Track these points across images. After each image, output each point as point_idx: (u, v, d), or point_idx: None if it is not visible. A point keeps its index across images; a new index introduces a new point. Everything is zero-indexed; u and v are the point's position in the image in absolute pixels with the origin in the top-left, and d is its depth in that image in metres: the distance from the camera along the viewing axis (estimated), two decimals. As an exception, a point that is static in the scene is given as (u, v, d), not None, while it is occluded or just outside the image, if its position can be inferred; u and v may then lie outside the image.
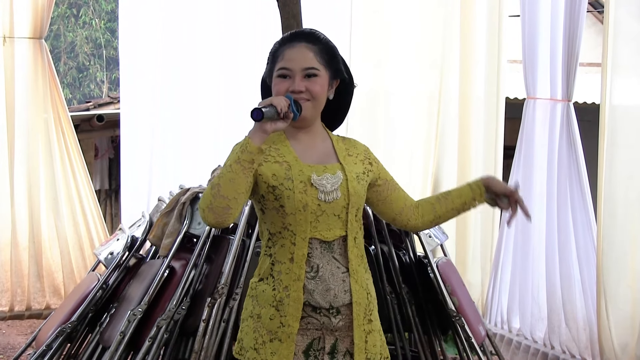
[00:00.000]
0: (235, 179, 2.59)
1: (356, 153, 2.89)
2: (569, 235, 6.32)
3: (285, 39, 2.84)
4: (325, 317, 2.72)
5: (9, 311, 7.30)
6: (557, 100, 6.57)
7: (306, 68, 2.76)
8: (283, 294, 2.69)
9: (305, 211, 2.69)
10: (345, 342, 2.75)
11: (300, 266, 2.70)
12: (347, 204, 2.75)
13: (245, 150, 2.59)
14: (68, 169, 7.44)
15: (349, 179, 2.76)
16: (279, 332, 2.69)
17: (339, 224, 2.74)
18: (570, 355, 6.15)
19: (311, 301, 2.70)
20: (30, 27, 7.36)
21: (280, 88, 2.76)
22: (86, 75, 22.65)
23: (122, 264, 4.77)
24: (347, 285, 2.74)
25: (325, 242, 2.73)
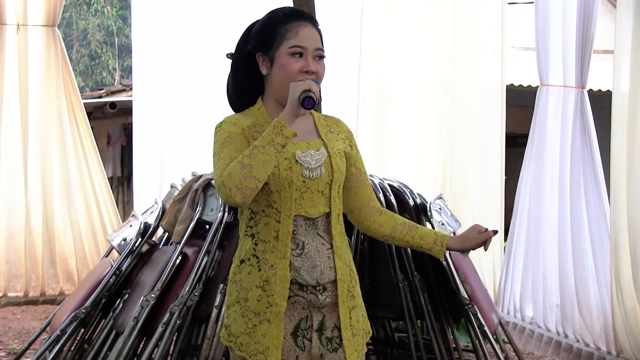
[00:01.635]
0: (268, 162, 2.56)
1: (338, 131, 2.85)
2: (582, 223, 6.29)
3: (290, 16, 2.77)
4: (312, 295, 2.70)
5: (24, 297, 7.33)
6: (571, 88, 6.54)
7: (318, 48, 2.74)
8: (269, 273, 2.67)
9: (290, 188, 2.67)
10: (332, 318, 2.74)
11: (286, 244, 2.67)
12: (331, 180, 2.73)
13: (281, 134, 2.56)
14: (81, 156, 7.45)
15: (331, 155, 2.74)
16: (267, 312, 2.67)
17: (322, 200, 2.72)
18: (584, 344, 6.13)
19: (298, 278, 2.68)
20: (44, 15, 7.36)
21: (295, 67, 2.70)
22: (98, 63, 22.66)
23: (135, 250, 4.77)
24: (331, 262, 2.72)
25: (309, 219, 2.71)
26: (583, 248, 6.26)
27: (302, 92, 2.59)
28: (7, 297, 7.31)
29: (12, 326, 7.30)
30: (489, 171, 7.43)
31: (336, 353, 2.74)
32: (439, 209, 4.94)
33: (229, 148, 2.67)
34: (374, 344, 5.00)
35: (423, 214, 4.89)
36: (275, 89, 2.76)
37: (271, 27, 2.77)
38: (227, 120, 2.78)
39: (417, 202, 4.92)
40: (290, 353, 2.70)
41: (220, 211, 4.45)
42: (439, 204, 4.99)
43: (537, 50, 6.78)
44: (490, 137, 7.43)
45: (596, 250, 6.18)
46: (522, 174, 6.86)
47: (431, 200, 4.96)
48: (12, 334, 6.99)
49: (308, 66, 2.71)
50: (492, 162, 7.42)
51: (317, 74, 2.72)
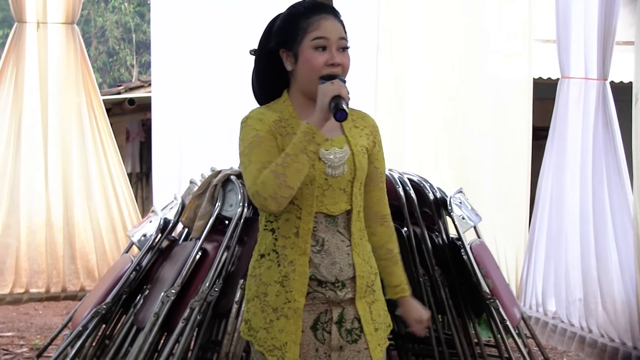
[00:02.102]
0: (302, 170, 2.56)
1: (363, 125, 2.82)
2: (604, 215, 6.25)
3: (311, 8, 2.74)
4: (331, 291, 2.69)
5: (46, 292, 7.34)
6: (592, 79, 6.49)
7: (341, 38, 2.71)
8: (288, 268, 2.66)
9: (312, 185, 2.66)
10: (352, 310, 2.73)
11: (306, 240, 2.67)
12: (353, 178, 2.71)
13: (313, 141, 2.55)
14: (100, 152, 7.46)
15: (355, 153, 2.72)
16: (285, 308, 2.66)
17: (344, 197, 2.71)
18: (609, 338, 6.08)
19: (317, 275, 2.67)
20: (63, 12, 7.37)
21: (320, 60, 2.68)
22: (116, 59, 22.73)
23: (155, 246, 4.78)
24: (350, 259, 2.71)
25: (330, 216, 2.70)
26: (606, 241, 6.21)
27: (332, 99, 2.57)
28: (29, 293, 7.33)
29: (35, 322, 7.34)
30: (513, 165, 7.38)
31: (356, 344, 2.73)
32: (459, 202, 4.91)
33: (259, 149, 2.65)
34: (395, 339, 4.98)
35: (443, 207, 4.87)
36: (301, 84, 2.74)
37: (292, 22, 2.74)
38: (252, 116, 2.75)
39: (437, 196, 4.90)
40: (310, 346, 2.69)
41: (239, 206, 4.45)
42: (460, 197, 4.96)
43: (558, 43, 6.73)
44: (515, 131, 7.38)
45: (620, 243, 6.13)
46: (544, 167, 6.82)
47: (451, 194, 4.94)
48: (35, 329, 7.03)
49: (333, 58, 2.68)
50: (517, 156, 7.37)
51: (342, 66, 2.70)
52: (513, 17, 7.39)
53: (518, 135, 7.37)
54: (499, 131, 7.39)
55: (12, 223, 7.26)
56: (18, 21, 7.31)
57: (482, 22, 7.43)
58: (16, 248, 7.26)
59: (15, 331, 6.93)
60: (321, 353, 2.70)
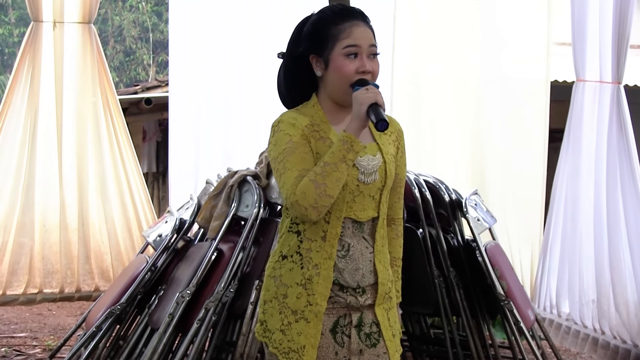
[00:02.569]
0: (341, 178, 2.58)
1: (390, 131, 2.81)
2: (618, 218, 6.24)
3: (341, 15, 2.73)
4: (351, 297, 2.70)
5: (59, 293, 7.37)
6: (607, 83, 6.49)
7: (372, 45, 2.70)
8: (312, 272, 2.66)
9: (344, 190, 2.65)
10: (370, 315, 2.74)
11: (333, 245, 2.67)
12: (383, 185, 2.72)
13: (351, 150, 2.56)
14: (116, 152, 7.48)
15: (386, 161, 2.73)
16: (306, 311, 2.66)
17: (372, 205, 2.72)
18: (621, 340, 6.08)
19: (340, 280, 2.68)
20: (80, 11, 7.40)
21: (351, 68, 2.67)
22: (133, 58, 22.77)
23: (171, 246, 4.79)
24: (372, 266, 2.72)
25: (357, 222, 2.70)
26: (620, 243, 6.21)
27: (370, 107, 2.57)
28: (43, 293, 7.36)
29: (48, 322, 7.36)
30: (529, 167, 7.37)
31: (375, 348, 2.74)
32: (474, 204, 4.91)
33: (294, 156, 2.64)
34: (410, 340, 4.99)
35: (459, 209, 4.86)
36: (331, 90, 2.73)
37: (323, 28, 2.73)
38: (284, 120, 2.73)
39: (453, 197, 4.90)
40: (329, 349, 2.70)
41: (255, 207, 4.46)
42: (475, 199, 4.96)
43: (573, 46, 6.72)
44: (532, 133, 7.36)
45: (633, 245, 6.12)
46: (558, 169, 6.81)
47: (467, 195, 4.94)
48: (48, 330, 7.04)
49: (363, 66, 2.68)
50: (533, 158, 7.35)
51: (373, 73, 2.70)
52: (530, 19, 7.37)
53: (534, 137, 7.36)
54: (515, 133, 7.38)
55: (27, 222, 7.30)
56: (35, 20, 7.34)
57: (498, 24, 7.41)
58: (30, 248, 7.29)
59: (29, 332, 6.95)
60: (341, 356, 2.71)
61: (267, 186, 4.62)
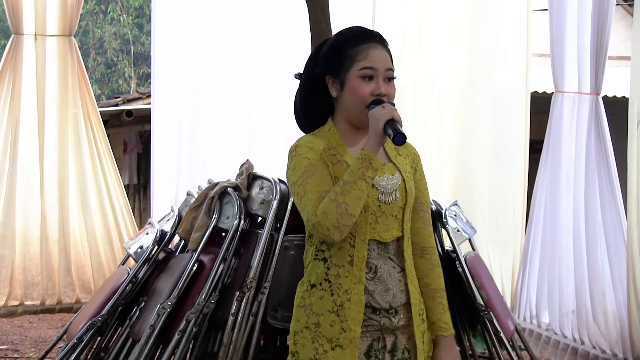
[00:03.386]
0: (362, 196, 2.56)
1: (405, 154, 2.85)
2: (597, 229, 6.29)
3: (359, 37, 2.74)
4: (385, 318, 2.70)
5: (40, 305, 7.34)
6: (586, 94, 6.54)
7: (389, 69, 2.71)
8: (343, 297, 2.65)
9: (366, 212, 2.66)
10: (403, 340, 2.73)
11: (360, 268, 2.66)
12: (405, 204, 2.72)
13: (370, 167, 2.55)
14: (97, 164, 7.47)
15: (406, 180, 2.74)
16: (341, 338, 2.65)
17: (395, 224, 2.72)
18: (601, 350, 6.12)
19: (372, 302, 2.67)
20: (60, 24, 7.39)
21: (366, 90, 2.68)
22: (114, 71, 22.75)
23: (152, 258, 4.78)
24: (402, 285, 2.71)
25: (382, 243, 2.70)
26: (598, 254, 6.25)
27: (387, 123, 2.56)
28: (24, 305, 7.33)
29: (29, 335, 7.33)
30: (509, 178, 7.39)
31: None
32: (454, 215, 4.92)
33: (314, 179, 2.64)
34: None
35: (438, 220, 4.88)
36: (346, 111, 2.74)
37: (340, 49, 2.74)
38: (302, 144, 2.73)
39: (433, 208, 4.91)
40: None
41: (236, 219, 4.46)
42: (454, 210, 4.97)
43: (552, 57, 6.78)
44: (512, 144, 7.38)
45: (612, 255, 6.17)
46: (538, 180, 6.85)
47: (446, 206, 4.95)
48: (29, 342, 7.02)
49: (379, 89, 2.68)
50: (513, 169, 7.38)
51: (388, 96, 2.70)
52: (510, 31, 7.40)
53: (515, 148, 7.39)
54: (495, 144, 7.41)
55: (8, 234, 7.27)
56: (15, 33, 7.33)
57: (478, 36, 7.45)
58: (11, 260, 7.26)
59: (10, 344, 6.92)
60: None
61: (248, 197, 4.63)
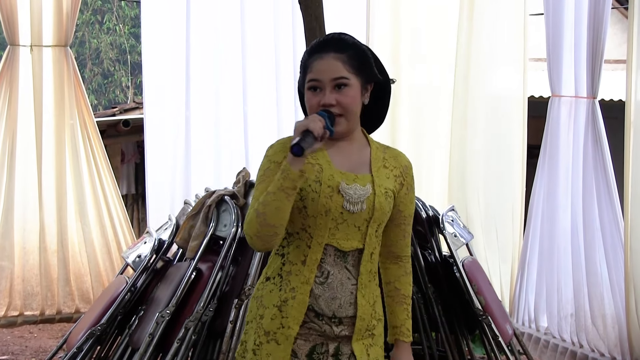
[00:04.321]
0: (281, 207, 2.56)
1: (393, 166, 2.81)
2: (595, 233, 6.29)
3: (314, 48, 2.76)
4: (326, 326, 2.68)
5: (40, 315, 7.35)
6: (582, 98, 6.55)
7: (335, 78, 2.68)
8: (289, 294, 2.66)
9: (327, 216, 2.65)
10: (348, 346, 2.71)
11: (311, 270, 2.66)
12: (370, 217, 2.69)
13: (287, 178, 2.54)
14: (95, 174, 7.48)
15: (376, 194, 2.70)
16: (278, 333, 2.66)
17: (357, 236, 2.69)
18: (599, 353, 6.12)
19: (315, 306, 2.66)
20: (56, 35, 7.41)
21: (313, 102, 2.69)
22: (111, 81, 22.75)
23: (150, 267, 4.80)
24: (353, 298, 2.69)
25: (340, 251, 2.68)
26: (596, 257, 6.26)
27: (301, 134, 2.53)
28: (24, 315, 7.34)
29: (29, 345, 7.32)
30: (507, 183, 7.39)
31: None
32: (451, 220, 4.94)
33: (263, 184, 2.65)
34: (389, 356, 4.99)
35: (436, 225, 4.90)
36: None
37: (302, 63, 2.78)
38: (275, 145, 2.76)
39: (430, 214, 4.93)
40: None
41: (233, 226, 4.48)
42: (452, 215, 4.99)
43: (549, 62, 6.78)
44: (510, 149, 7.38)
45: (610, 259, 6.18)
46: (535, 184, 6.86)
47: (443, 212, 4.97)
48: (29, 352, 7.01)
49: (322, 99, 2.68)
50: (511, 174, 7.38)
51: (340, 104, 2.68)
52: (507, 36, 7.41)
53: (512, 153, 7.39)
54: (492, 149, 7.41)
55: (7, 245, 7.28)
56: (11, 44, 7.35)
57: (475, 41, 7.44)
58: (10, 270, 7.27)
59: (10, 354, 6.91)
60: None
61: (245, 205, 4.64)
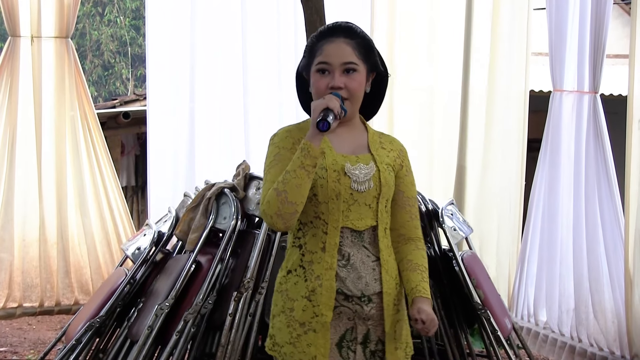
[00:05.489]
0: (302, 185, 2.62)
1: (390, 148, 2.89)
2: (596, 227, 6.29)
3: (324, 32, 2.83)
4: (357, 305, 2.74)
5: (39, 307, 7.34)
6: (584, 92, 6.54)
7: (345, 63, 2.76)
8: (315, 283, 2.71)
9: (338, 200, 2.71)
10: (377, 331, 2.78)
11: (332, 255, 2.72)
12: (379, 193, 2.76)
13: (309, 155, 2.61)
14: (95, 166, 7.47)
15: (380, 170, 2.78)
16: (313, 322, 2.71)
17: (370, 213, 2.76)
18: (598, 348, 6.13)
19: (344, 289, 2.72)
20: (57, 26, 7.39)
21: (321, 84, 2.76)
22: (111, 73, 22.73)
23: (149, 259, 4.79)
24: (377, 274, 2.75)
25: (355, 232, 2.75)
26: (597, 252, 6.26)
27: (320, 113, 2.61)
28: (23, 307, 7.33)
29: (28, 336, 7.33)
30: (506, 176, 7.38)
31: None
32: (450, 214, 4.94)
33: (276, 169, 2.72)
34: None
35: (435, 219, 4.89)
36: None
37: (309, 47, 2.85)
38: (279, 133, 2.84)
39: (429, 207, 4.93)
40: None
41: (233, 219, 4.48)
42: (451, 209, 4.99)
43: (551, 56, 6.77)
44: (510, 143, 7.37)
45: (610, 253, 6.18)
46: (536, 179, 6.85)
47: (443, 205, 4.97)
48: (28, 344, 7.02)
49: (332, 82, 2.75)
50: (511, 167, 7.36)
51: (347, 88, 2.76)
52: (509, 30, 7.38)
53: (512, 147, 7.37)
54: (492, 142, 7.39)
55: (6, 237, 7.27)
56: (12, 35, 7.33)
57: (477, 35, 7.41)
58: (10, 262, 7.26)
59: (8, 346, 6.92)
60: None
61: (245, 198, 4.64)
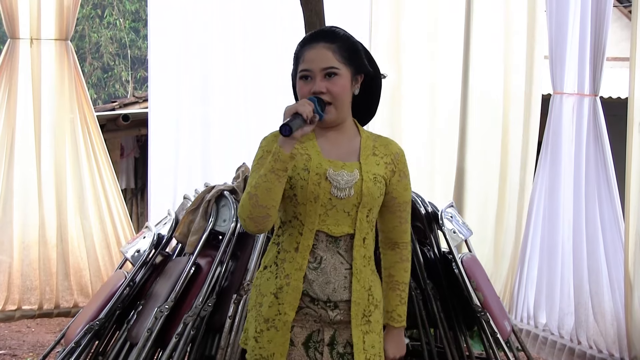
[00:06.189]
0: (272, 188, 2.63)
1: (383, 154, 2.88)
2: (596, 230, 6.29)
3: (305, 40, 2.86)
4: (322, 310, 2.74)
5: (38, 309, 7.35)
6: (584, 95, 6.55)
7: (325, 68, 2.76)
8: (284, 281, 2.73)
9: (316, 203, 2.72)
10: (344, 335, 2.77)
11: (304, 256, 2.73)
12: (359, 202, 2.75)
13: (278, 159, 2.62)
14: (94, 168, 7.48)
15: (364, 180, 2.76)
16: (276, 319, 2.73)
17: (347, 221, 2.76)
18: (598, 350, 6.13)
19: (309, 291, 2.73)
20: (56, 28, 7.40)
21: (303, 91, 2.78)
22: (111, 75, 22.74)
23: (149, 262, 4.79)
24: (347, 282, 2.75)
25: (331, 237, 2.75)
26: (597, 254, 6.26)
27: (291, 116, 2.61)
28: (22, 310, 7.33)
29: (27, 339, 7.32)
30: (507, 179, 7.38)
31: None
32: (450, 217, 4.94)
33: (258, 172, 2.71)
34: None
35: (435, 222, 4.89)
36: None
37: (295, 54, 2.87)
38: (268, 137, 2.85)
39: (429, 210, 4.92)
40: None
41: (233, 222, 4.47)
42: (451, 212, 4.99)
43: (551, 59, 6.77)
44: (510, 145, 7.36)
45: (609, 256, 6.18)
46: (536, 181, 6.86)
47: (442, 208, 4.97)
48: (27, 347, 7.01)
49: (313, 87, 2.76)
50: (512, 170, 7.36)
51: (330, 92, 2.77)
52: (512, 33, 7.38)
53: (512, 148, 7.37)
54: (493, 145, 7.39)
55: (5, 239, 7.28)
56: (11, 37, 7.34)
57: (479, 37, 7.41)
58: (9, 265, 7.27)
59: (8, 349, 6.91)
60: None
61: (245, 201, 4.63)
